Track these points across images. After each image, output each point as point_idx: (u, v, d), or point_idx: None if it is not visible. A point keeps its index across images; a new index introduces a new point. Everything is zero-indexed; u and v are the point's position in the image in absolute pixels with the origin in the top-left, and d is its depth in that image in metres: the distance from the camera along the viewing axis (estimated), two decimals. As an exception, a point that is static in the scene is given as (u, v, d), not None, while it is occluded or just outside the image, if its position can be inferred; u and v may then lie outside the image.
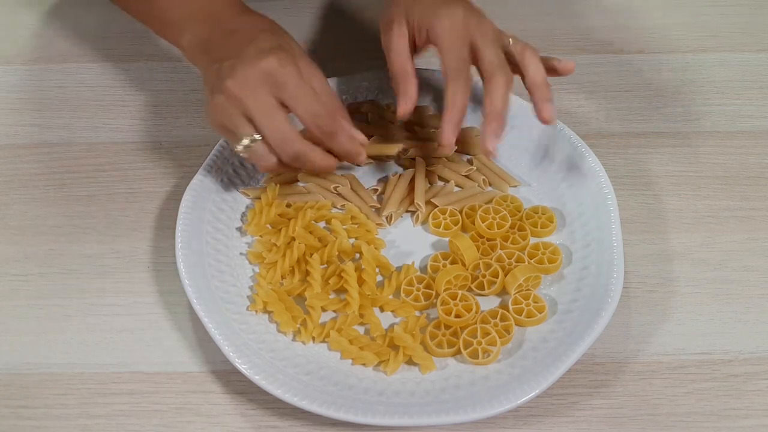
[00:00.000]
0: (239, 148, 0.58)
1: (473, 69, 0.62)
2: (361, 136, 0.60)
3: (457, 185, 0.68)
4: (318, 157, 0.59)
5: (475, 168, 0.68)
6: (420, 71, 0.71)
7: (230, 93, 0.57)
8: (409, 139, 0.70)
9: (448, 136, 0.60)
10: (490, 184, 0.68)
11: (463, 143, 0.69)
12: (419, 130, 0.70)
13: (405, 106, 0.62)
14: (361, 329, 0.59)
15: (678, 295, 0.62)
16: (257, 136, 0.57)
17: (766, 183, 0.69)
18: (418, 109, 0.71)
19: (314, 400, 0.53)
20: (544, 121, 0.61)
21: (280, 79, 0.57)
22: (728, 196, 0.68)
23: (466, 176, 0.68)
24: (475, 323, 0.58)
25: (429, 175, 0.68)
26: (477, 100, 0.67)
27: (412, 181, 0.67)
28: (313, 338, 0.58)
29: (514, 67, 0.62)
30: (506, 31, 0.63)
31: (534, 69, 0.62)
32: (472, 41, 0.61)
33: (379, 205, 0.66)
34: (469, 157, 0.69)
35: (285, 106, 0.57)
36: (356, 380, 0.56)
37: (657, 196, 0.68)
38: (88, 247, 0.65)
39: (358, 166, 0.65)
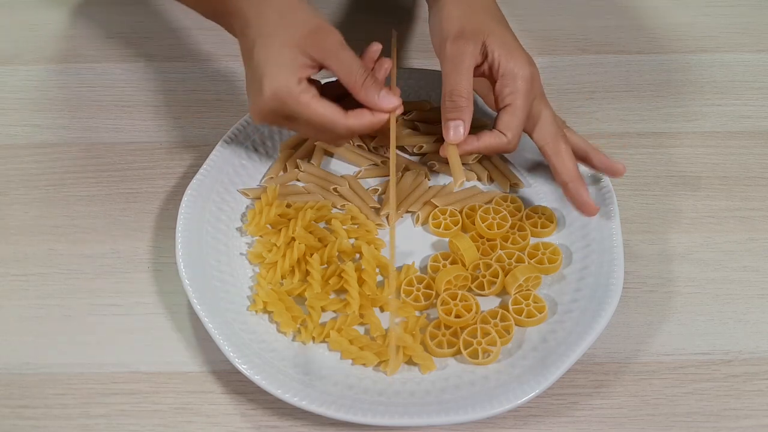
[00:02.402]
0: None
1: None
2: (390, 106, 0.60)
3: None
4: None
5: (481, 155, 0.68)
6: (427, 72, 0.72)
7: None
8: (412, 136, 0.70)
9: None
10: (493, 180, 0.68)
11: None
12: (422, 126, 0.70)
13: (462, 134, 0.59)
14: (361, 329, 0.59)
15: (678, 295, 0.62)
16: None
17: (766, 183, 0.69)
18: (419, 105, 0.72)
19: (314, 400, 0.53)
20: (619, 172, 0.63)
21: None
22: (728, 196, 0.68)
23: (470, 168, 0.68)
24: (475, 323, 0.58)
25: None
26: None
27: (412, 182, 0.67)
28: (313, 338, 0.58)
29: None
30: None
31: (576, 139, 0.63)
32: (532, 106, 0.61)
33: (379, 206, 0.66)
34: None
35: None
36: (356, 380, 0.56)
37: (657, 196, 0.68)
38: (88, 247, 0.65)
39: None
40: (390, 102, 0.59)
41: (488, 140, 0.60)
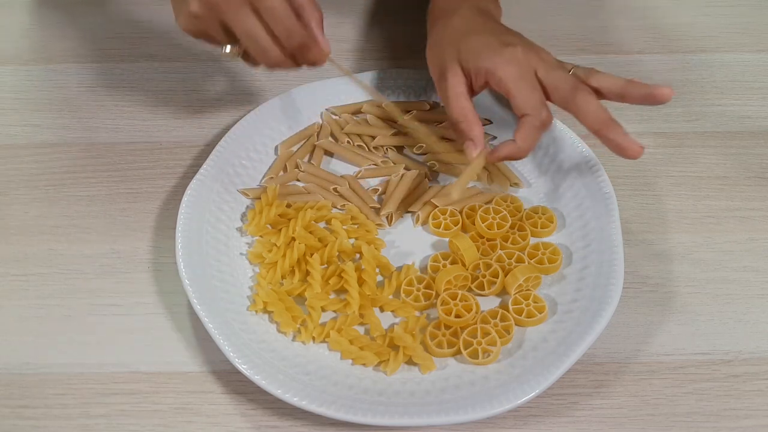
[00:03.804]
0: (225, 51, 0.59)
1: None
2: (324, 43, 0.59)
3: (455, 176, 0.68)
4: (291, 65, 0.60)
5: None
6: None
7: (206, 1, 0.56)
8: (412, 136, 0.70)
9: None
10: (492, 180, 0.68)
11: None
12: (421, 126, 0.70)
13: (474, 149, 0.60)
14: (361, 329, 0.59)
15: (678, 295, 0.62)
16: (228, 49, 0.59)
17: (766, 183, 0.69)
18: (419, 105, 0.72)
19: (314, 400, 0.53)
20: (665, 96, 0.59)
21: None
22: (728, 196, 0.68)
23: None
24: (475, 323, 0.58)
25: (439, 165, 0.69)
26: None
27: (412, 181, 0.67)
28: (313, 338, 0.58)
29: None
30: (566, 63, 0.63)
31: (608, 80, 0.61)
32: (537, 75, 0.60)
33: (379, 206, 0.66)
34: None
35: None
36: (356, 380, 0.56)
37: (657, 196, 0.68)
38: (88, 247, 0.65)
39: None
40: None
41: (524, 132, 0.59)
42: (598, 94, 0.61)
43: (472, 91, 0.63)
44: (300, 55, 0.59)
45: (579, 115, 0.60)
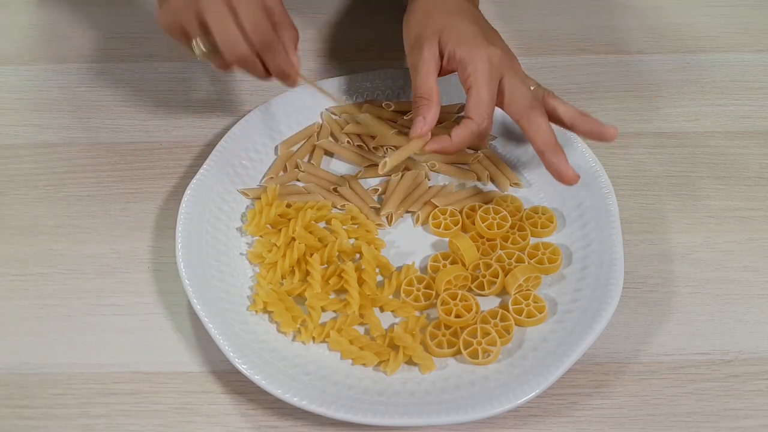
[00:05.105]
0: (195, 50, 0.59)
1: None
2: (296, 60, 0.61)
3: (455, 176, 0.68)
4: (259, 68, 0.60)
5: (481, 155, 0.68)
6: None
7: None
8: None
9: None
10: (493, 180, 0.68)
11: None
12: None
13: (422, 129, 0.60)
14: (361, 329, 0.59)
15: (678, 295, 0.62)
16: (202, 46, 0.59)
17: (766, 183, 0.69)
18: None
19: (314, 400, 0.53)
20: (610, 136, 0.61)
21: None
22: (728, 196, 0.68)
23: (470, 168, 0.68)
24: (475, 323, 0.58)
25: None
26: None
27: (412, 181, 0.67)
28: (313, 338, 0.58)
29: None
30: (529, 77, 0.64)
31: (562, 107, 0.62)
32: (501, 82, 0.61)
33: (379, 206, 0.66)
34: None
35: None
36: (356, 380, 0.56)
37: (657, 196, 0.68)
38: (88, 247, 0.65)
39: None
40: None
41: (460, 134, 0.60)
42: (550, 117, 0.62)
43: (439, 71, 0.63)
44: (267, 55, 0.59)
45: (529, 133, 0.61)
